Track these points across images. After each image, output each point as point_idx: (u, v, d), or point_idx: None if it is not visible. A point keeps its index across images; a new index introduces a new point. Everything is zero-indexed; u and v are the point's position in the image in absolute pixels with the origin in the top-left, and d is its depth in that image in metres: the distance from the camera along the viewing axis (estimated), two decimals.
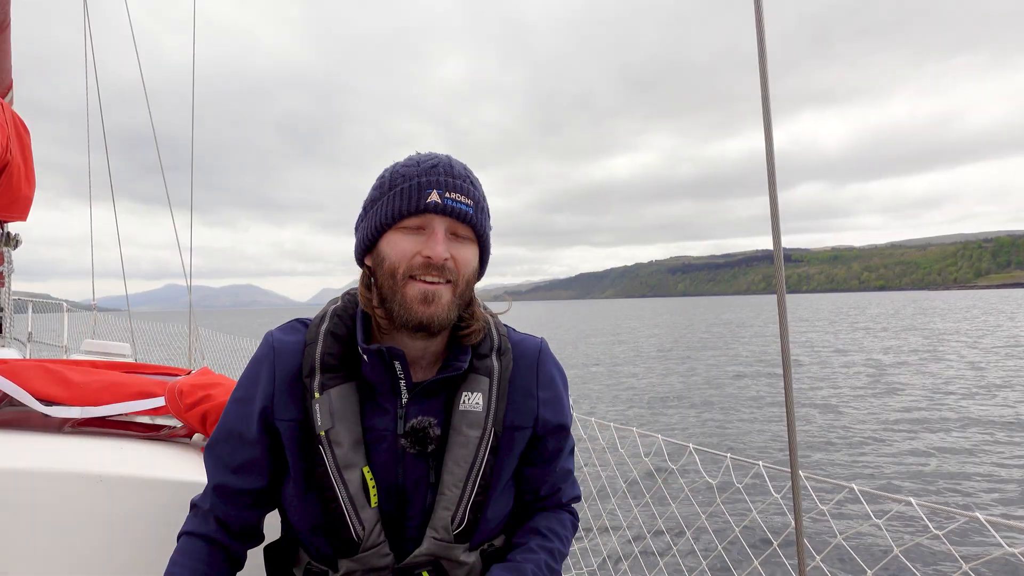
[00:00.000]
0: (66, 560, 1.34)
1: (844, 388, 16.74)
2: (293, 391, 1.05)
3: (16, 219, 2.90)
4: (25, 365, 1.73)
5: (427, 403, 1.05)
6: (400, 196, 1.00)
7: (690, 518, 5.67)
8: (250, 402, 1.07)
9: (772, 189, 1.30)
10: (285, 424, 1.05)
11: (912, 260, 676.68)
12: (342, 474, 1.01)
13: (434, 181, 0.99)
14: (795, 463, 1.39)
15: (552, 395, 1.15)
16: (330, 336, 1.06)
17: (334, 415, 1.01)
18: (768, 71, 1.28)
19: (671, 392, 16.72)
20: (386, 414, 1.04)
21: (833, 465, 9.25)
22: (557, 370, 1.19)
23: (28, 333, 5.33)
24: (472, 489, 1.03)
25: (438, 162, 1.02)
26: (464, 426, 1.04)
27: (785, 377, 1.34)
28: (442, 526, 1.02)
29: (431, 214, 0.99)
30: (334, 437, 1.01)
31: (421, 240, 0.99)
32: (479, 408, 1.05)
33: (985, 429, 11.48)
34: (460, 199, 1.00)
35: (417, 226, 1.00)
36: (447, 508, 1.03)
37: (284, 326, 1.13)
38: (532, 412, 1.11)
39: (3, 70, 3.21)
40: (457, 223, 1.01)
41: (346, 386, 1.04)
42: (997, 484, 8.18)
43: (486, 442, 1.04)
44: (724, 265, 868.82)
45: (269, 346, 1.09)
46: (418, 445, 1.01)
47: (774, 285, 1.37)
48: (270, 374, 1.07)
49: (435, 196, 0.98)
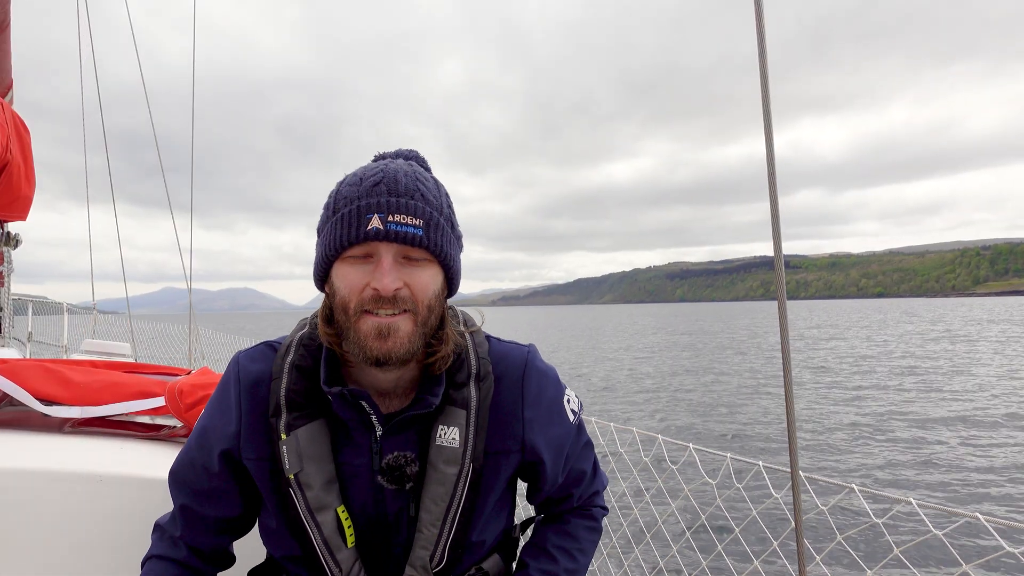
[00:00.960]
0: (66, 560, 1.33)
1: (845, 388, 16.74)
2: (259, 430, 1.01)
3: (16, 219, 2.90)
4: (25, 365, 1.73)
5: (402, 436, 1.00)
6: (342, 223, 0.90)
7: (690, 518, 5.67)
8: (213, 439, 1.03)
9: (772, 193, 1.30)
10: (253, 463, 1.01)
11: (910, 267, 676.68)
12: (315, 516, 0.97)
13: (374, 204, 0.89)
14: (795, 463, 1.39)
15: (539, 413, 1.08)
16: (295, 371, 1.00)
17: (302, 457, 0.97)
18: (768, 76, 1.28)
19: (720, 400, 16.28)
20: (360, 449, 1.00)
21: (833, 465, 9.26)
22: (546, 380, 1.10)
23: (28, 333, 5.33)
24: (451, 527, 0.99)
25: (382, 178, 0.92)
26: (440, 462, 0.99)
27: (785, 377, 1.34)
28: (420, 564, 0.99)
29: (374, 242, 0.89)
30: (304, 479, 0.96)
31: (369, 270, 0.90)
32: (455, 443, 0.99)
33: (986, 429, 11.49)
34: (405, 221, 0.89)
35: (364, 254, 0.91)
36: (424, 547, 0.99)
37: (252, 351, 1.07)
38: (517, 436, 1.05)
39: (3, 70, 3.21)
40: (407, 247, 0.91)
41: (314, 424, 0.99)
42: (997, 484, 8.18)
43: (464, 478, 0.99)
44: (722, 271, 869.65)
45: (235, 375, 1.04)
46: (395, 483, 0.97)
47: (773, 291, 1.37)
48: (236, 411, 1.02)
49: (376, 222, 0.88)
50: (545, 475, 1.10)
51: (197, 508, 1.05)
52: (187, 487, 1.06)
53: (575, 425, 1.14)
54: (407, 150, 1.02)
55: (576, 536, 1.15)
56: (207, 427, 1.05)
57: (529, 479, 1.14)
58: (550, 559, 1.12)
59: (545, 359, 1.15)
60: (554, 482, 1.12)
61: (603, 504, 1.23)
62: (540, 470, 1.09)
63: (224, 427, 1.03)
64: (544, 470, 1.09)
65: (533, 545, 1.15)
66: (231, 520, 1.08)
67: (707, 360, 25.98)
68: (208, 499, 1.05)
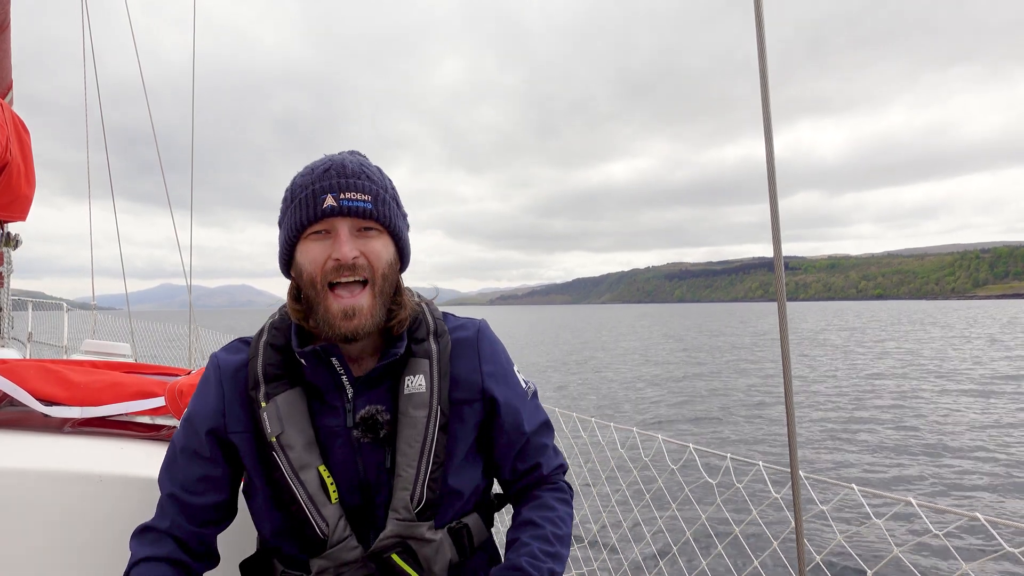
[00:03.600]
0: (66, 560, 1.33)
1: (847, 388, 16.75)
2: (242, 404, 1.10)
3: (16, 219, 2.90)
4: (25, 365, 1.73)
5: (373, 392, 1.09)
6: (301, 207, 1.03)
7: (690, 518, 5.68)
8: (200, 421, 1.11)
9: (772, 194, 1.30)
10: (239, 436, 1.09)
11: (909, 269, 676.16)
12: (299, 475, 1.04)
13: (327, 185, 1.03)
14: (795, 463, 1.39)
15: (496, 368, 1.17)
16: (269, 348, 1.11)
17: (282, 420, 1.05)
18: (768, 77, 1.28)
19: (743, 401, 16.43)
20: (335, 411, 1.08)
21: (833, 465, 9.26)
22: (499, 346, 1.22)
23: (28, 333, 5.33)
24: (427, 467, 1.06)
25: (331, 165, 1.05)
26: (411, 408, 1.07)
27: (785, 377, 1.34)
28: (403, 506, 1.05)
29: (331, 218, 1.02)
30: (285, 441, 1.04)
31: (329, 244, 1.03)
32: (423, 389, 1.08)
33: (986, 429, 11.49)
34: (356, 197, 1.03)
35: (323, 231, 1.03)
36: (404, 488, 1.05)
37: (228, 346, 1.18)
38: (477, 385, 1.14)
39: (3, 70, 3.21)
40: (360, 220, 1.04)
41: (292, 392, 1.08)
42: (997, 484, 8.19)
43: (434, 420, 1.07)
44: (721, 272, 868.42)
45: (215, 366, 1.14)
46: (370, 432, 1.05)
47: (772, 292, 1.38)
48: (218, 392, 1.11)
49: (331, 200, 1.02)
50: (501, 426, 1.16)
51: (185, 497, 1.09)
52: (176, 476, 1.10)
53: (528, 393, 1.22)
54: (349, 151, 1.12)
55: (552, 506, 1.18)
56: (191, 414, 1.13)
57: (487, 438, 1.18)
58: (534, 526, 1.13)
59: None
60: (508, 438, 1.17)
61: (568, 482, 1.26)
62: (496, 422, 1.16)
63: (207, 408, 1.11)
64: (500, 422, 1.16)
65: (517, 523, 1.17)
66: (217, 506, 1.11)
67: (724, 360, 25.99)
68: (197, 484, 1.09)
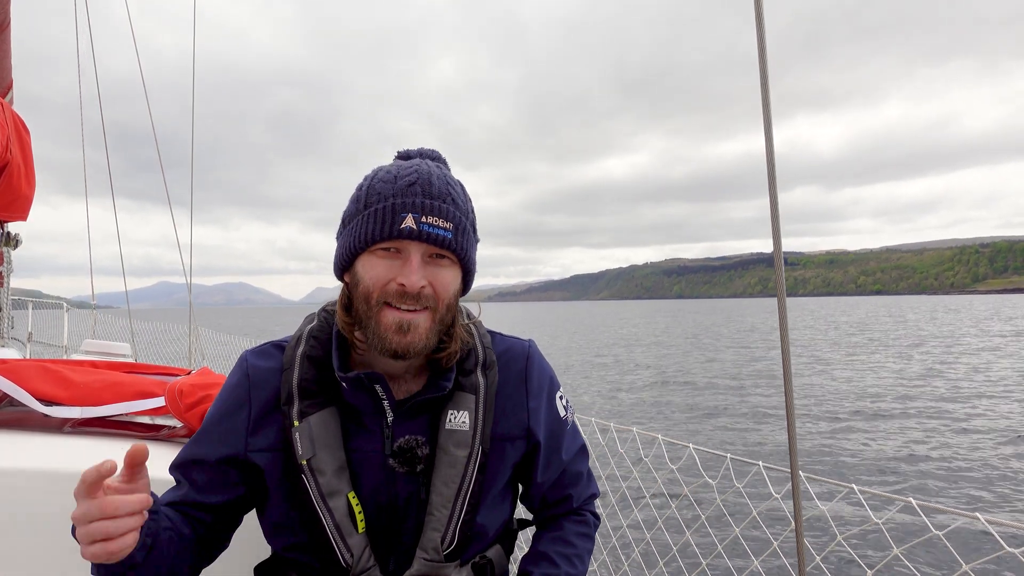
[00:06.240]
0: (66, 560, 1.33)
1: (849, 388, 16.74)
2: (271, 420, 1.03)
3: (16, 219, 2.90)
4: (25, 365, 1.73)
5: (413, 422, 1.03)
6: (374, 218, 0.94)
7: (690, 518, 5.67)
8: (220, 437, 1.05)
9: (772, 190, 1.30)
10: (263, 456, 1.03)
11: (908, 264, 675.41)
12: (327, 502, 0.99)
13: (409, 204, 0.93)
14: (795, 463, 1.39)
15: (541, 403, 1.13)
16: (307, 361, 1.04)
17: (315, 442, 0.99)
18: (768, 72, 1.28)
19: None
20: (372, 435, 1.02)
21: (833, 465, 9.26)
22: (546, 374, 1.17)
23: (28, 333, 5.33)
24: (461, 509, 1.02)
25: (416, 179, 0.95)
26: (451, 445, 1.02)
27: (785, 377, 1.34)
28: (432, 547, 1.01)
29: (406, 239, 0.94)
30: (316, 465, 0.99)
31: (397, 265, 0.95)
32: (465, 427, 1.03)
33: (986, 429, 11.48)
34: (438, 223, 0.94)
35: (394, 248, 0.95)
36: (436, 529, 1.01)
37: (258, 350, 1.10)
38: (522, 423, 1.10)
39: (3, 70, 3.21)
40: (435, 247, 0.95)
41: (326, 411, 1.01)
42: (997, 484, 8.18)
43: (474, 461, 1.02)
44: (719, 268, 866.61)
45: (244, 374, 1.07)
46: (407, 465, 1.00)
47: (771, 288, 1.38)
48: (247, 409, 1.04)
49: (410, 221, 0.93)
50: (538, 464, 1.13)
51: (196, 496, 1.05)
52: (188, 477, 1.07)
53: (567, 422, 1.19)
54: (430, 150, 1.05)
55: (572, 543, 1.16)
56: (214, 425, 1.07)
57: (524, 472, 1.16)
58: (551, 563, 1.13)
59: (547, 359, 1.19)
60: (545, 475, 1.15)
61: (596, 511, 1.25)
62: (535, 460, 1.13)
63: (232, 427, 1.04)
64: (538, 459, 1.13)
65: (534, 553, 1.16)
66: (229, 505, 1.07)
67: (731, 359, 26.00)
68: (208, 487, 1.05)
